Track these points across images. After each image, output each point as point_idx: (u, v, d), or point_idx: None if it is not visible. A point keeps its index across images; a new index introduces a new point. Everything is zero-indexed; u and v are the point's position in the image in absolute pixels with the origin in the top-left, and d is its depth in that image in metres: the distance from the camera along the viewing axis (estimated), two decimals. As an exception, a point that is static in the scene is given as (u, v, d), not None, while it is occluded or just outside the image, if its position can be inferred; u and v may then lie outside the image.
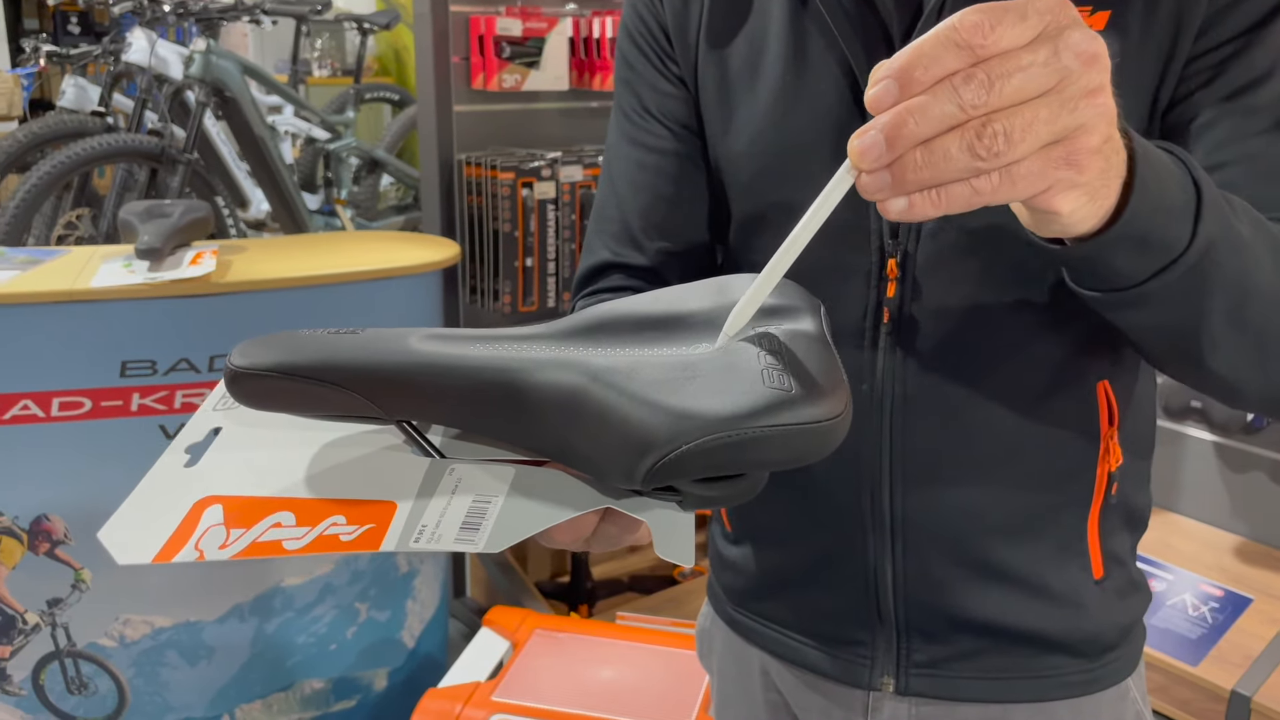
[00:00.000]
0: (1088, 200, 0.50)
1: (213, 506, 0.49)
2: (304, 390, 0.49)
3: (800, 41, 0.75)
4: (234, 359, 0.50)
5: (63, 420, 1.62)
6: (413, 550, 0.48)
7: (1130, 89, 0.68)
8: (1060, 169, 0.47)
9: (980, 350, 0.74)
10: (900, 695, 0.82)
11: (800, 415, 0.47)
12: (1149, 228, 0.54)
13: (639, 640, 1.78)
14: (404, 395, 0.50)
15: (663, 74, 0.83)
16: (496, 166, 2.16)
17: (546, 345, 0.52)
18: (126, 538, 0.48)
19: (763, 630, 0.89)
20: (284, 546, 0.47)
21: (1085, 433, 0.77)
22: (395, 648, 1.98)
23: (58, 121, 3.19)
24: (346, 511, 0.49)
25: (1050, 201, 0.49)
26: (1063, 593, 0.79)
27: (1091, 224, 0.52)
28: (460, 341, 0.51)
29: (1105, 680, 0.82)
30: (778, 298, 0.55)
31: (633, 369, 0.50)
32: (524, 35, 2.25)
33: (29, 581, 1.68)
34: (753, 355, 0.50)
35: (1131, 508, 0.82)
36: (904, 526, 0.78)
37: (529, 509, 0.50)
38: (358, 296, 1.80)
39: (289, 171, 3.71)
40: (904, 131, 0.45)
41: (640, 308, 0.54)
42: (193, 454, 0.53)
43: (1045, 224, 0.53)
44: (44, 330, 1.59)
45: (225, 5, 3.66)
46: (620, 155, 0.85)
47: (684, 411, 0.47)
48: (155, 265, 1.68)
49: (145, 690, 1.78)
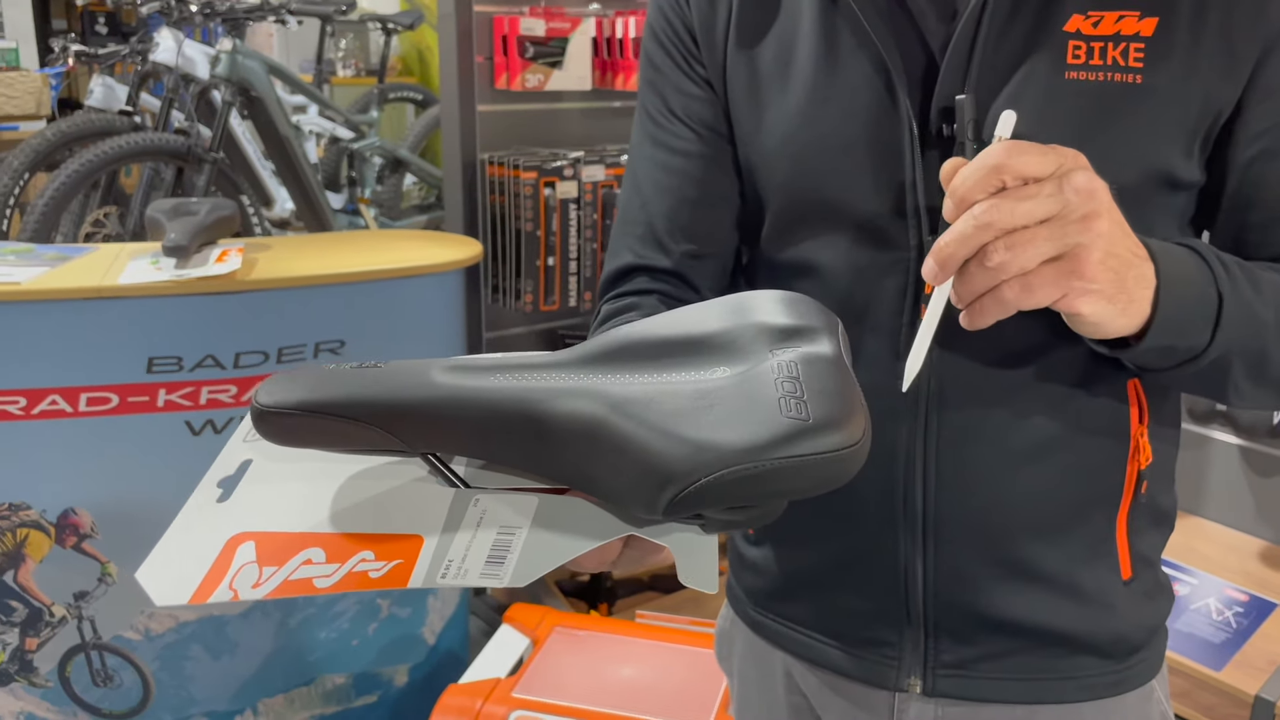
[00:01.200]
0: (1106, 303, 0.62)
1: (245, 544, 0.50)
2: (328, 427, 0.50)
3: (832, 39, 0.75)
4: (260, 397, 0.51)
5: (90, 415, 1.64)
6: (440, 586, 0.49)
7: (1177, 95, 0.70)
8: (1070, 279, 0.61)
9: (1014, 347, 0.74)
10: (927, 696, 0.82)
11: (818, 445, 0.47)
12: (1172, 342, 0.67)
13: (659, 639, 1.78)
14: (426, 428, 0.51)
15: (688, 75, 0.82)
16: (519, 166, 2.17)
17: (566, 373, 0.52)
18: (163, 578, 0.49)
19: (786, 632, 0.88)
20: (315, 585, 0.48)
21: (1116, 430, 0.77)
22: (416, 644, 2.00)
23: (85, 120, 3.22)
24: (375, 547, 0.50)
25: (1071, 305, 0.62)
26: (1092, 593, 0.79)
27: (1121, 321, 0.64)
28: (480, 372, 0.52)
29: (1131, 682, 0.82)
30: (794, 317, 0.55)
31: (651, 398, 0.50)
32: (547, 35, 2.25)
33: (56, 574, 1.70)
34: (770, 382, 0.50)
35: (1159, 507, 0.82)
36: (936, 524, 0.78)
37: (553, 541, 0.51)
38: (381, 295, 1.81)
39: (313, 171, 3.73)
40: (948, 254, 0.61)
41: (659, 331, 0.55)
42: (224, 488, 0.54)
43: (1079, 325, 0.65)
44: (72, 326, 1.61)
45: (251, 5, 3.68)
46: (645, 157, 0.85)
47: (702, 443, 0.48)
48: (182, 263, 1.70)
49: (169, 683, 1.80)
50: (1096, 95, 0.69)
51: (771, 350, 0.52)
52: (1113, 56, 0.70)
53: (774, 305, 0.56)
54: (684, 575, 0.51)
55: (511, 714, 1.56)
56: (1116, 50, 0.70)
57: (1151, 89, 0.69)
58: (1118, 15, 0.70)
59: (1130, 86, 0.70)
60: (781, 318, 0.54)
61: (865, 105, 0.74)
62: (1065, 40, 0.70)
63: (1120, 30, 0.70)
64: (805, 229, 0.78)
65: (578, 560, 0.52)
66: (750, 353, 0.52)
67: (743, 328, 0.54)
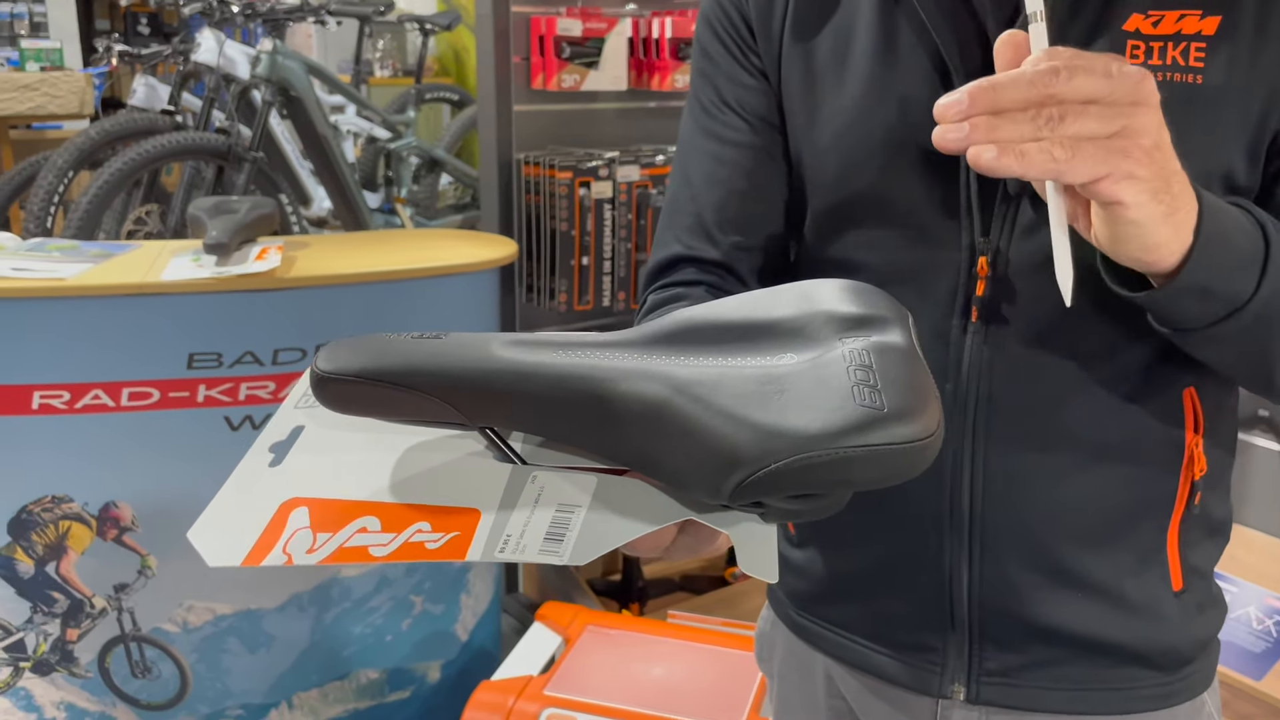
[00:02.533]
0: (1151, 198, 0.58)
1: (299, 509, 0.50)
2: (388, 395, 0.49)
3: (890, 35, 0.74)
4: (320, 363, 0.50)
5: (132, 410, 1.66)
6: (498, 560, 0.48)
7: (1239, 96, 0.68)
8: (1117, 158, 0.56)
9: (1067, 353, 0.73)
10: (970, 704, 0.81)
11: (893, 435, 0.46)
12: (1210, 281, 0.62)
13: (691, 639, 1.78)
14: (486, 402, 0.50)
15: (743, 66, 0.81)
16: (554, 166, 2.18)
17: (630, 353, 0.51)
18: (216, 539, 0.48)
19: (828, 635, 0.87)
20: (370, 553, 0.48)
21: (1170, 440, 0.75)
22: (449, 640, 2.01)
23: (128, 120, 3.27)
24: (431, 518, 0.49)
25: (1114, 190, 0.57)
26: (1142, 604, 0.77)
27: (1164, 230, 0.60)
28: (543, 348, 0.51)
29: (1182, 694, 0.80)
30: (863, 306, 0.54)
31: (718, 381, 0.49)
32: (584, 35, 2.26)
33: (97, 567, 1.72)
34: (842, 370, 0.49)
35: (1213, 518, 0.80)
36: (982, 530, 0.77)
37: (612, 522, 0.50)
38: (416, 293, 1.82)
39: (351, 170, 3.76)
40: (984, 95, 0.56)
41: (724, 314, 0.54)
42: (276, 453, 0.53)
43: (1118, 229, 0.60)
44: (115, 322, 1.63)
45: (291, 6, 3.72)
46: (695, 148, 0.84)
47: (773, 428, 0.47)
48: (222, 260, 1.72)
49: (206, 675, 1.82)
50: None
51: (840, 338, 0.51)
52: (1173, 56, 0.68)
53: (842, 293, 0.54)
54: (744, 563, 0.50)
55: (543, 711, 1.57)
56: (1177, 50, 0.68)
57: (1213, 89, 0.68)
58: (1179, 14, 0.68)
59: (1190, 87, 0.68)
60: (850, 306, 0.53)
61: (920, 102, 0.72)
62: (1124, 39, 0.69)
63: (1181, 29, 0.69)
64: (855, 227, 0.78)
65: (634, 543, 0.51)
66: (819, 340, 0.51)
67: (810, 314, 0.53)
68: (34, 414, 1.62)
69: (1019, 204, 0.72)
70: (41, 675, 1.75)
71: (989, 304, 0.74)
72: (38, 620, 1.72)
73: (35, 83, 4.02)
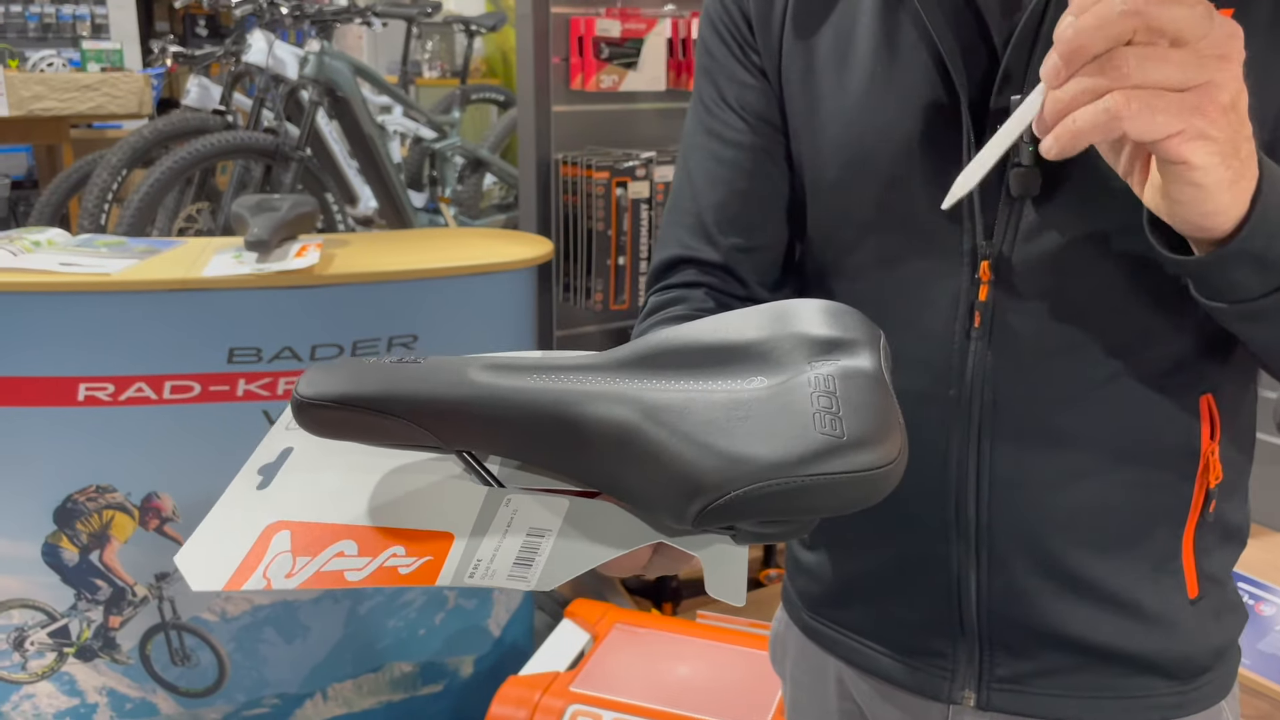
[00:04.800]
0: (1219, 162, 0.54)
1: (281, 533, 0.51)
2: (366, 421, 0.51)
3: (891, 33, 0.73)
4: (300, 388, 0.51)
5: (173, 403, 1.70)
6: (468, 586, 0.49)
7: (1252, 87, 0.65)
8: (1192, 115, 0.53)
9: (1073, 358, 0.72)
10: (981, 710, 0.80)
11: (851, 463, 0.46)
12: (1268, 247, 0.58)
13: (717, 639, 1.78)
14: (461, 426, 0.51)
15: (743, 64, 0.81)
16: (592, 166, 2.19)
17: (602, 377, 0.52)
18: (200, 564, 0.50)
19: (839, 638, 0.87)
20: (345, 578, 0.49)
21: (1185, 447, 0.74)
22: (481, 636, 2.03)
23: (181, 119, 3.34)
24: (406, 543, 0.51)
25: (1183, 149, 0.53)
26: (1155, 611, 0.76)
27: (1226, 197, 0.56)
28: (517, 372, 0.52)
29: (1198, 703, 0.79)
30: (835, 329, 0.54)
31: (685, 407, 0.50)
32: (622, 36, 2.27)
33: (139, 556, 1.76)
34: (805, 397, 0.49)
35: (1229, 525, 0.79)
36: (989, 536, 0.76)
37: (581, 546, 0.51)
38: (453, 291, 1.84)
39: (396, 170, 3.81)
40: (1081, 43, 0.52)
41: (698, 337, 0.54)
42: (265, 475, 0.55)
43: (1179, 191, 0.56)
44: (158, 316, 1.67)
45: (338, 8, 3.78)
46: (697, 147, 0.84)
47: (734, 455, 0.47)
48: (263, 257, 1.75)
49: (244, 664, 1.85)
50: None
51: (810, 362, 0.52)
52: None
53: (815, 315, 0.55)
54: (711, 587, 0.50)
55: (569, 707, 1.58)
56: None
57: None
58: None
59: None
60: (822, 329, 0.53)
61: (921, 102, 0.72)
62: None
63: None
64: (857, 230, 0.77)
65: (606, 565, 0.52)
66: (788, 364, 0.52)
67: (782, 337, 0.53)
68: (79, 405, 1.66)
69: (1022, 207, 0.71)
70: (85, 661, 1.79)
71: (991, 309, 0.72)
72: (82, 607, 1.77)
73: (96, 83, 4.11)
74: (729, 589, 0.50)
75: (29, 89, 3.95)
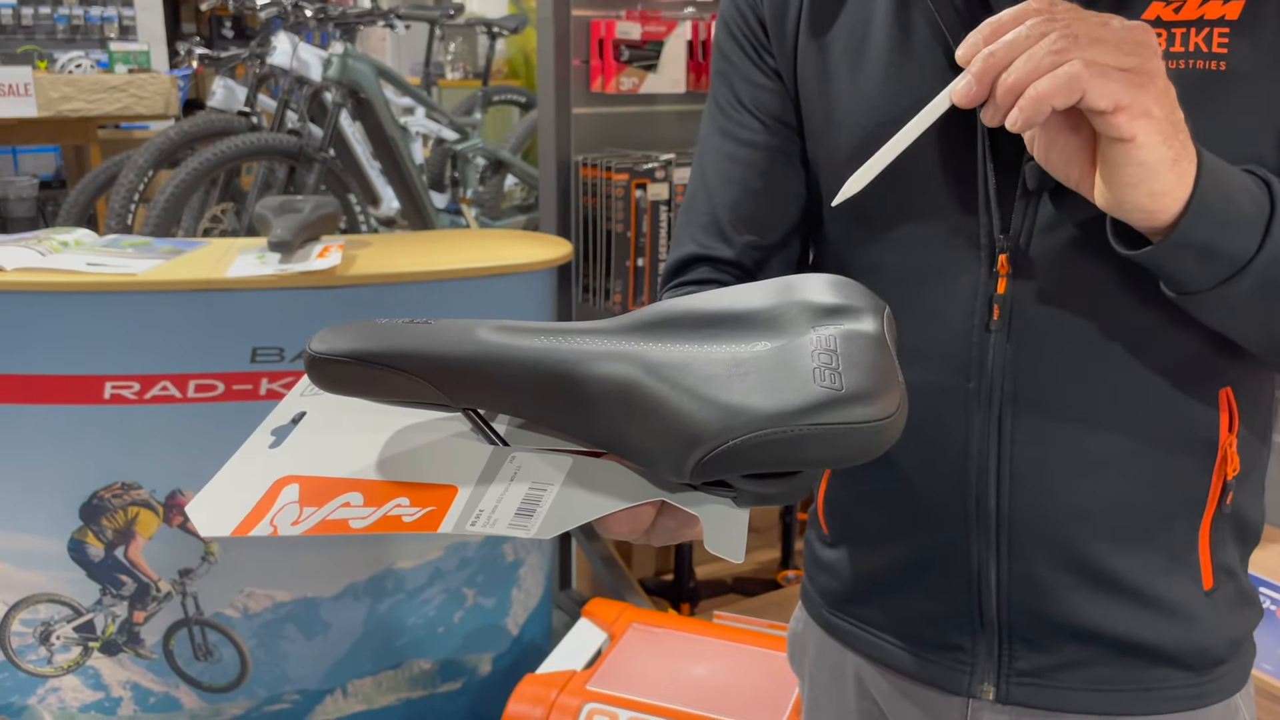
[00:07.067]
0: (1161, 140, 0.58)
1: (290, 485, 0.53)
2: (376, 376, 0.52)
3: (904, 34, 0.74)
4: (314, 344, 0.53)
5: (197, 402, 1.72)
6: (469, 533, 0.50)
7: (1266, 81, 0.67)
8: (1134, 91, 0.57)
9: (1092, 351, 0.73)
10: (1000, 704, 0.80)
11: (849, 415, 0.47)
12: (1211, 237, 0.61)
13: (734, 639, 1.79)
14: (468, 383, 0.52)
15: (758, 66, 0.82)
16: (611, 168, 2.20)
17: (606, 339, 0.53)
18: (210, 512, 0.51)
19: (859, 634, 0.87)
20: (350, 525, 0.50)
21: (1204, 438, 0.74)
22: (500, 634, 2.04)
23: (206, 120, 3.38)
24: (411, 494, 0.52)
25: (1130, 125, 0.57)
26: (1172, 603, 0.77)
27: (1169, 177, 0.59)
28: (524, 333, 0.53)
29: (1214, 695, 0.79)
30: (839, 297, 0.55)
31: (686, 364, 0.51)
32: (643, 39, 2.28)
33: (163, 552, 1.79)
34: (806, 354, 0.51)
35: (1244, 518, 0.79)
36: (1009, 528, 0.76)
37: (582, 499, 0.52)
38: (473, 291, 1.86)
39: (419, 171, 3.83)
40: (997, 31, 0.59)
41: (703, 305, 0.55)
42: (278, 435, 0.56)
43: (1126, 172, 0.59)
44: (183, 316, 1.70)
45: (363, 10, 3.80)
46: (712, 147, 0.85)
47: (733, 407, 0.48)
48: (286, 257, 1.77)
49: (265, 660, 1.87)
50: (1177, 84, 0.65)
51: (814, 326, 0.53)
52: (1195, 43, 0.67)
53: (821, 285, 0.56)
54: (710, 543, 0.51)
55: (585, 706, 1.59)
56: (1199, 36, 0.67)
57: (1237, 76, 0.66)
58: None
59: (1213, 74, 0.67)
60: (827, 297, 0.55)
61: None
62: None
63: (1204, 15, 0.67)
64: (874, 227, 0.78)
65: (609, 523, 0.53)
66: (792, 328, 0.53)
67: (787, 305, 0.54)
68: (106, 403, 1.69)
69: (1039, 200, 0.71)
70: (109, 655, 1.82)
71: (1010, 301, 0.73)
72: (107, 602, 1.79)
73: (123, 84, 4.16)
74: (728, 545, 0.51)
75: (57, 90, 4.00)
